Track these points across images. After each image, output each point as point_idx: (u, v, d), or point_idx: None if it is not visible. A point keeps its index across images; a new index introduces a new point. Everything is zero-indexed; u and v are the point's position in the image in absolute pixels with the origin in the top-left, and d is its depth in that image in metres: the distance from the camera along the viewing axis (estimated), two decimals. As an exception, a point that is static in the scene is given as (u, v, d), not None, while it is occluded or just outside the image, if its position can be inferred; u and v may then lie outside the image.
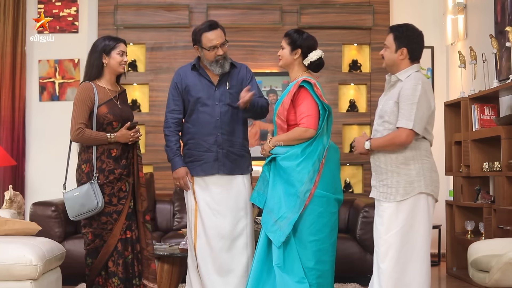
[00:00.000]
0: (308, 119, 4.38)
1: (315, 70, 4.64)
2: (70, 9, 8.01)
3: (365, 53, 8.18)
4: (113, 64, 4.62)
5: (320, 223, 4.37)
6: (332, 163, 4.49)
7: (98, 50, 4.61)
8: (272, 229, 4.33)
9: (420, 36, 4.24)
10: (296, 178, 4.34)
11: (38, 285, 4.37)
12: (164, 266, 5.08)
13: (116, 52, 4.61)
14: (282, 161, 4.40)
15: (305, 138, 4.39)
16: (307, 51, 4.57)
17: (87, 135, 4.49)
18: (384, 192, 4.21)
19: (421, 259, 4.16)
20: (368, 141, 4.23)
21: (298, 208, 4.31)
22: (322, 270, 4.38)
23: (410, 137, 4.06)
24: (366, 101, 8.08)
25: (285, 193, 4.36)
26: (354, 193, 7.96)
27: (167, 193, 7.27)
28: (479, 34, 7.14)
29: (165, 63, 8.02)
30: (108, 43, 4.61)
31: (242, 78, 4.82)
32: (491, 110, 6.54)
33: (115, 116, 4.60)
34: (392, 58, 4.23)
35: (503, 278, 4.60)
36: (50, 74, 7.96)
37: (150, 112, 8.00)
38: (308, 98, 4.42)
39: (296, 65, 4.59)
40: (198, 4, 8.06)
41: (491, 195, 6.50)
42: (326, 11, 8.08)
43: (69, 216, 4.54)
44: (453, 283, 6.60)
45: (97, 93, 4.56)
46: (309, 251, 4.35)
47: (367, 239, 6.28)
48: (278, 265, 4.31)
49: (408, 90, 4.08)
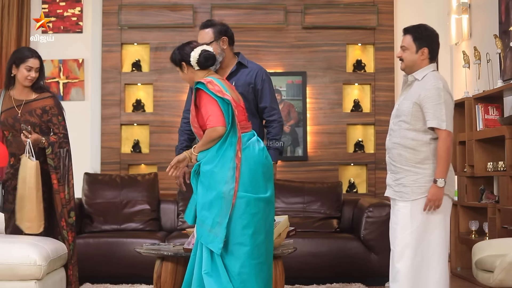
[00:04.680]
0: (212, 118, 4.22)
1: (204, 66, 4.38)
2: (74, 9, 8.02)
3: (369, 53, 8.17)
4: (19, 77, 4.83)
5: (240, 225, 4.19)
6: (252, 161, 4.26)
7: (10, 62, 4.85)
8: (209, 239, 4.19)
9: (438, 36, 4.29)
10: (217, 180, 4.19)
11: (42, 285, 4.37)
12: (168, 266, 5.07)
13: (24, 67, 4.81)
14: (203, 166, 4.26)
15: (217, 137, 4.21)
16: (187, 58, 4.41)
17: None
18: (400, 191, 4.22)
19: (437, 259, 4.17)
20: (437, 180, 4.12)
21: (226, 210, 4.16)
22: (248, 274, 4.20)
23: (451, 136, 4.10)
24: (370, 101, 8.08)
25: (211, 200, 4.20)
26: (358, 193, 7.96)
27: (171, 193, 7.27)
28: (483, 34, 7.13)
29: (169, 63, 7.78)
30: (19, 56, 4.84)
31: (250, 82, 4.79)
32: (495, 110, 6.54)
33: (8, 126, 4.84)
34: (412, 59, 4.24)
35: (507, 278, 4.60)
36: (54, 74, 7.97)
37: (154, 112, 8.00)
38: (206, 98, 4.26)
39: (191, 73, 4.42)
40: (202, 4, 8.06)
41: (496, 195, 6.49)
42: (330, 11, 8.08)
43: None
44: (457, 283, 6.60)
45: (2, 99, 4.82)
46: (233, 255, 4.20)
47: (372, 239, 6.28)
48: (206, 272, 4.21)
49: (432, 90, 4.11)
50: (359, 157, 8.00)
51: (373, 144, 8.04)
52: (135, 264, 6.17)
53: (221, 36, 4.80)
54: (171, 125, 7.93)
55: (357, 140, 8.06)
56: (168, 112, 7.97)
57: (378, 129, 7.98)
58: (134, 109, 8.04)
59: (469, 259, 6.18)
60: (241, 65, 4.84)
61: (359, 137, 8.09)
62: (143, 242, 5.97)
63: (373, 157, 7.97)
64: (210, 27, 4.80)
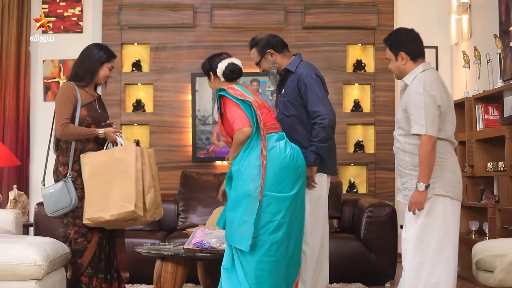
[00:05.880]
0: (237, 121, 4.33)
1: (230, 78, 4.56)
2: (74, 9, 8.03)
3: (369, 53, 8.17)
4: (101, 75, 4.77)
5: (260, 222, 4.26)
6: (276, 161, 4.32)
7: (101, 57, 4.74)
8: (237, 239, 4.27)
9: (412, 33, 4.26)
10: (243, 178, 4.28)
11: (42, 285, 4.37)
12: (169, 266, 5.08)
13: (107, 66, 4.78)
14: (232, 168, 4.38)
15: (245, 138, 4.31)
16: (214, 69, 4.59)
17: (72, 130, 4.58)
18: (406, 195, 4.26)
19: (436, 260, 4.16)
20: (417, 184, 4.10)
21: (253, 208, 4.23)
22: (262, 270, 4.27)
23: (432, 139, 4.06)
24: (371, 101, 8.08)
25: (238, 199, 4.29)
26: (358, 193, 7.96)
27: (172, 193, 7.27)
28: (484, 34, 7.13)
29: (169, 63, 8.03)
30: (107, 56, 4.77)
31: (294, 87, 4.76)
32: (495, 110, 6.54)
33: (94, 119, 4.72)
34: (396, 66, 4.27)
35: (507, 278, 4.60)
36: (55, 74, 7.97)
37: (155, 112, 8.00)
38: (229, 103, 4.40)
39: (217, 83, 4.59)
40: (202, 4, 8.06)
41: (496, 195, 6.50)
42: (330, 11, 8.08)
43: (47, 213, 4.65)
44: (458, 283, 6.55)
45: (79, 94, 4.68)
46: (248, 253, 4.27)
47: (372, 239, 6.28)
48: (225, 268, 4.32)
49: (413, 96, 4.13)
50: (359, 157, 8.00)
51: (373, 144, 8.04)
52: (135, 264, 6.17)
53: (265, 51, 4.83)
54: (171, 125, 7.93)
55: (357, 140, 8.06)
56: (168, 112, 7.97)
57: (378, 129, 7.98)
58: (134, 109, 8.04)
59: (469, 259, 6.17)
60: (288, 71, 4.84)
61: (359, 137, 8.09)
62: (143, 242, 5.98)
63: (373, 157, 7.97)
64: (254, 47, 4.86)
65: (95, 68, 4.73)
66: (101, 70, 4.75)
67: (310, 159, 4.62)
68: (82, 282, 4.63)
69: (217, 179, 7.17)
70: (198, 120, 7.88)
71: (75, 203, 4.55)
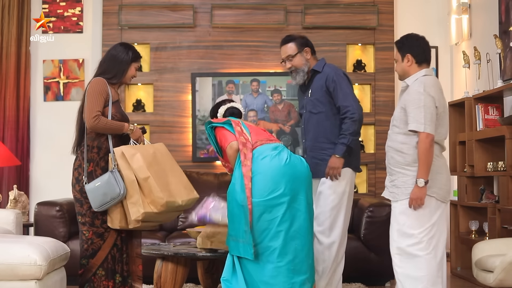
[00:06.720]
0: (224, 140, 4.60)
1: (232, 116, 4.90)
2: (74, 9, 8.03)
3: (369, 53, 8.17)
4: (129, 74, 4.81)
5: (257, 231, 4.34)
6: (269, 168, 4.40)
7: (130, 57, 4.78)
8: (241, 250, 4.36)
9: (421, 40, 4.48)
10: (236, 190, 4.41)
11: (42, 285, 4.38)
12: (169, 266, 5.08)
13: (134, 66, 4.83)
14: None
15: (234, 151, 4.52)
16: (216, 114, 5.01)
17: (103, 122, 4.57)
18: (393, 192, 4.41)
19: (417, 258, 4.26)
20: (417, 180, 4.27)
21: (246, 217, 4.33)
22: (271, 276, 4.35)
23: (430, 137, 4.23)
24: (371, 101, 8.08)
25: (234, 211, 4.42)
26: (358, 193, 7.96)
27: (172, 193, 7.26)
28: (483, 34, 7.14)
29: (169, 63, 8.03)
30: (135, 56, 4.81)
31: (322, 85, 5.00)
32: (495, 110, 6.54)
33: (123, 117, 4.75)
34: (401, 67, 4.46)
35: (507, 278, 4.61)
36: (55, 74, 7.98)
37: (155, 112, 8.00)
38: (217, 132, 4.68)
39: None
40: (202, 4, 8.06)
41: (495, 195, 6.50)
42: (330, 11, 8.08)
43: (93, 207, 4.52)
44: (457, 282, 6.60)
45: (110, 90, 4.69)
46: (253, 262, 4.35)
47: (372, 239, 6.29)
48: (225, 279, 4.38)
49: (413, 95, 4.28)
50: (359, 157, 7.99)
51: (373, 144, 8.04)
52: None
53: (303, 48, 5.11)
54: (171, 125, 7.93)
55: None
56: (168, 112, 7.97)
57: (378, 129, 7.98)
58: (135, 109, 8.04)
59: (469, 259, 6.18)
60: (315, 72, 5.09)
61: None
62: (144, 242, 5.97)
63: (373, 157, 7.97)
64: (292, 41, 5.15)
65: (124, 67, 4.76)
66: (129, 70, 4.79)
67: (339, 151, 4.87)
68: (92, 281, 4.60)
69: (217, 179, 7.18)
70: (198, 120, 7.88)
71: (123, 193, 4.45)
